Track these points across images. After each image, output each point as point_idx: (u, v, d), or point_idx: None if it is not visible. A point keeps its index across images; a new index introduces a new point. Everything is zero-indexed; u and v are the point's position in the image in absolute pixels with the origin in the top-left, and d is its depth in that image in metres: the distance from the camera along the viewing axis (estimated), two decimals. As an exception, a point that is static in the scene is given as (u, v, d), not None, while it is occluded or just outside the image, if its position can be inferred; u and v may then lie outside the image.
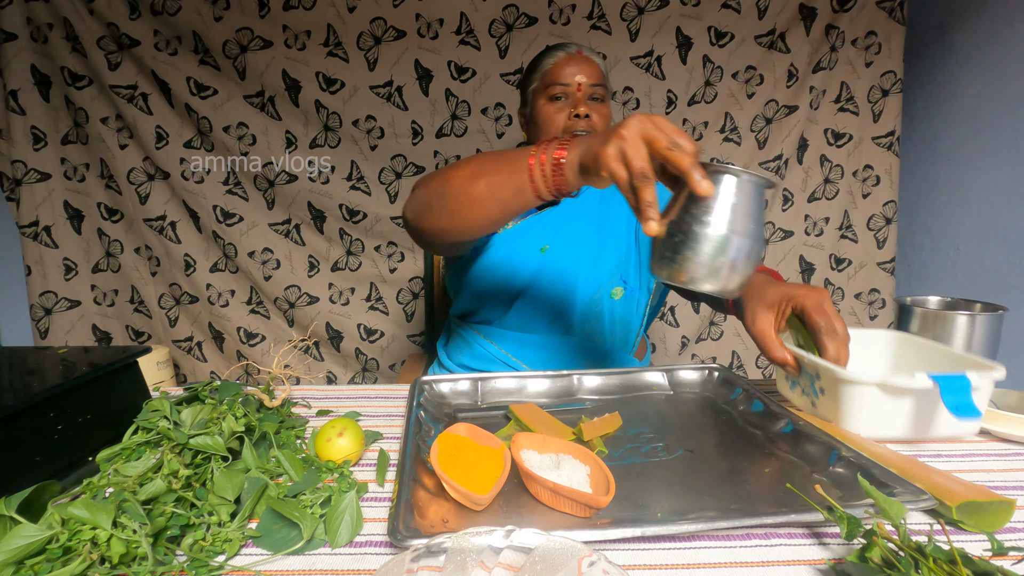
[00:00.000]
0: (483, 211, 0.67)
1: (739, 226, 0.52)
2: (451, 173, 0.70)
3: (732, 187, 0.53)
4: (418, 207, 0.74)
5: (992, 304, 0.81)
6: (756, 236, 0.54)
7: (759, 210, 0.54)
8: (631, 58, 1.68)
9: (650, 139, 0.52)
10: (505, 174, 0.64)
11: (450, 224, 0.71)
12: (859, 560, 0.41)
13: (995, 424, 0.66)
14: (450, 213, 0.69)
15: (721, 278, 0.54)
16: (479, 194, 0.66)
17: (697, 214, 0.52)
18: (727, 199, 0.53)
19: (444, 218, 0.71)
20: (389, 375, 1.83)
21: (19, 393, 0.56)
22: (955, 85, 1.60)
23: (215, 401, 0.61)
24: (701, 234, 0.52)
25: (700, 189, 0.50)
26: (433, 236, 0.75)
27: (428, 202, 0.72)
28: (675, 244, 0.53)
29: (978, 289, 1.51)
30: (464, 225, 0.70)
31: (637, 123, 0.53)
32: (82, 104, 1.60)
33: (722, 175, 0.53)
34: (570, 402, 0.78)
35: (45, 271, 1.68)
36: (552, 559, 0.37)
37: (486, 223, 0.68)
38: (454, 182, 0.68)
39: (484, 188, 0.65)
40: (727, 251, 0.52)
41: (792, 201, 1.77)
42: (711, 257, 0.52)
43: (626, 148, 0.52)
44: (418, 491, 0.52)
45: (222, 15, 1.59)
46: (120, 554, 0.41)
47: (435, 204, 0.71)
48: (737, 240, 0.52)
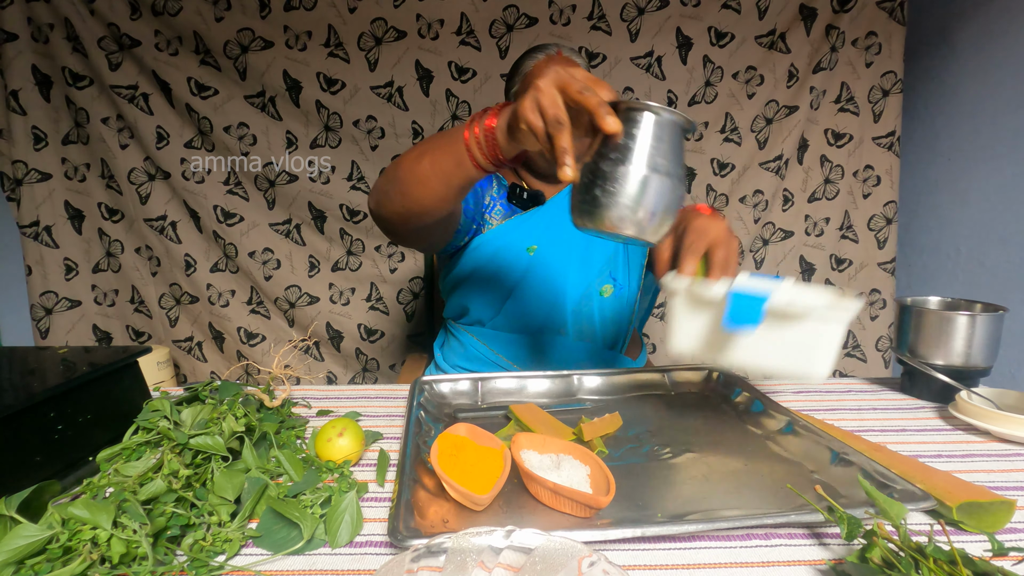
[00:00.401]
0: (429, 188, 0.68)
1: (652, 163, 0.50)
2: (401, 158, 0.72)
3: (643, 124, 0.51)
4: (377, 195, 0.75)
5: (992, 304, 0.81)
6: (673, 174, 0.51)
7: (675, 150, 0.52)
8: (631, 58, 1.68)
9: (563, 85, 0.51)
10: (445, 149, 0.64)
11: (402, 207, 0.72)
12: (859, 560, 0.41)
13: (995, 424, 0.66)
14: (401, 195, 0.71)
15: (639, 219, 0.51)
16: (424, 172, 0.67)
17: (606, 153, 0.51)
18: (639, 137, 0.51)
19: (397, 202, 0.72)
20: (389, 375, 1.83)
21: (19, 393, 0.56)
22: (955, 85, 1.60)
23: (215, 401, 0.61)
24: (612, 172, 0.50)
25: (606, 125, 0.49)
26: (392, 224, 0.76)
27: (384, 189, 0.74)
28: (586, 186, 0.52)
29: (978, 289, 1.51)
30: (415, 206, 0.70)
31: (551, 73, 0.52)
32: (83, 104, 1.61)
33: (632, 111, 0.51)
34: (570, 402, 0.78)
35: (46, 271, 1.68)
36: (552, 559, 0.37)
37: (434, 199, 0.69)
38: (403, 165, 0.70)
39: (428, 165, 0.66)
40: (642, 190, 0.50)
41: (792, 201, 1.77)
42: (626, 197, 0.50)
43: (541, 97, 0.52)
44: (418, 491, 0.52)
45: (223, 15, 1.59)
46: (120, 554, 0.41)
47: (389, 189, 0.72)
48: (652, 178, 0.50)
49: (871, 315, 1.82)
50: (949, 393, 0.76)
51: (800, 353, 0.54)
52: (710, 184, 1.75)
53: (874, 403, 0.80)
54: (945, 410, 0.76)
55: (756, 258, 1.80)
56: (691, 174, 1.75)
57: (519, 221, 0.97)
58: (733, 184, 1.75)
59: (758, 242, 1.79)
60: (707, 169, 1.74)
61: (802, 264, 1.81)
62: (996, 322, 0.78)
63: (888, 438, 0.68)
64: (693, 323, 0.59)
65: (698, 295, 0.56)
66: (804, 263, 1.81)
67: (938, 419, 0.74)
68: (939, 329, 0.79)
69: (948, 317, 0.78)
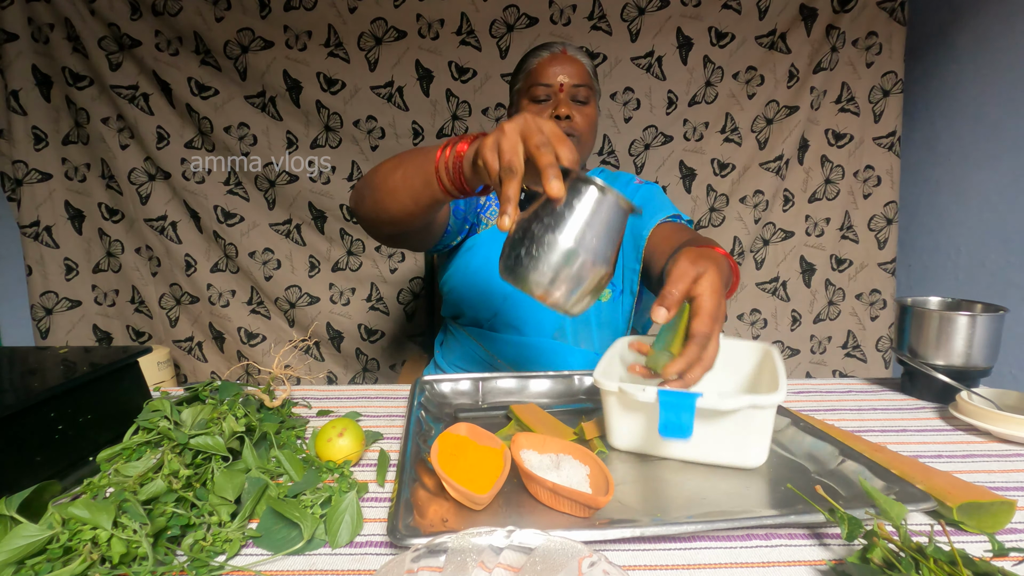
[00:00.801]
0: (398, 201, 0.68)
1: (582, 240, 0.49)
2: (380, 165, 0.72)
3: (585, 198, 0.50)
4: (355, 196, 0.76)
5: (993, 305, 0.81)
6: (600, 257, 0.50)
7: (612, 232, 0.51)
8: (632, 58, 1.68)
9: (526, 135, 0.51)
10: (418, 165, 0.64)
11: (374, 213, 0.72)
12: (860, 561, 0.41)
13: (995, 425, 0.66)
14: (374, 201, 0.71)
15: (553, 291, 0.50)
16: (395, 184, 0.67)
17: (543, 215, 0.50)
18: (578, 210, 0.49)
19: (370, 207, 0.72)
20: (390, 375, 1.83)
21: (20, 393, 0.56)
22: (956, 85, 1.60)
23: (215, 401, 0.61)
24: (541, 237, 0.49)
25: (551, 188, 0.48)
26: (368, 224, 0.77)
27: (361, 192, 0.74)
28: (515, 241, 0.51)
29: (979, 290, 1.51)
30: (385, 215, 0.71)
31: (520, 120, 0.52)
32: (83, 104, 1.61)
33: (581, 184, 0.50)
34: (571, 402, 0.78)
35: (46, 271, 1.68)
36: (552, 559, 0.37)
37: (402, 213, 0.69)
38: (379, 172, 0.70)
39: (400, 178, 0.67)
40: (564, 263, 0.49)
41: (793, 201, 1.77)
42: (547, 265, 0.49)
43: (502, 140, 0.51)
44: (418, 490, 0.52)
45: (223, 16, 1.59)
46: (120, 554, 0.41)
47: (364, 194, 0.73)
48: (577, 254, 0.49)
49: (871, 315, 1.82)
50: (949, 393, 0.76)
51: (734, 444, 0.56)
52: (710, 184, 1.75)
53: (874, 403, 0.80)
54: (945, 410, 0.76)
55: (756, 258, 1.80)
56: (691, 174, 1.75)
57: None
58: (733, 184, 1.75)
59: (758, 242, 1.79)
60: (707, 169, 1.74)
61: (802, 264, 1.81)
62: (996, 322, 0.78)
63: (888, 438, 0.68)
64: (628, 422, 0.60)
65: (630, 398, 0.56)
66: (804, 263, 1.80)
67: (938, 419, 0.74)
68: (939, 329, 0.79)
69: (948, 317, 0.78)
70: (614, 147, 1.74)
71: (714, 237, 1.77)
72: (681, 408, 0.52)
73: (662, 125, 1.71)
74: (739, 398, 0.53)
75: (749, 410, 0.54)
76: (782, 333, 1.83)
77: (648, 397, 0.54)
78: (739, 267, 0.70)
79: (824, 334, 1.84)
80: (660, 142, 1.73)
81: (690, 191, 1.76)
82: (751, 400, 0.53)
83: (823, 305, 1.82)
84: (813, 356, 1.85)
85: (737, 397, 0.53)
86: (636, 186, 1.03)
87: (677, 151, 1.73)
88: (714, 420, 0.55)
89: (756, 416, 0.55)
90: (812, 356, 1.85)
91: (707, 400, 0.53)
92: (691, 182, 1.75)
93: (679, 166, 1.74)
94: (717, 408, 0.53)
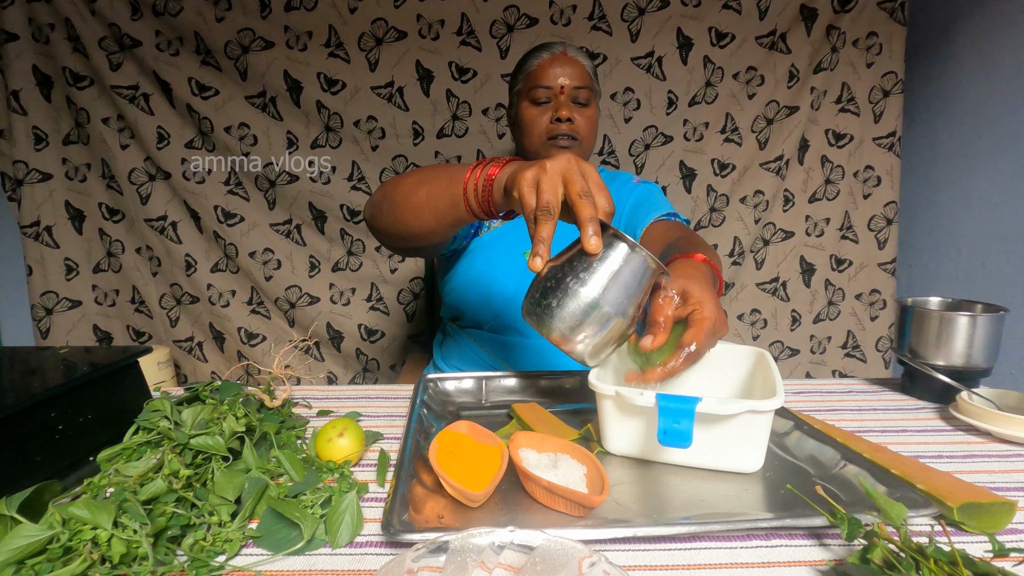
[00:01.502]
0: (421, 219, 0.67)
1: (611, 296, 0.51)
2: (402, 179, 0.71)
3: (620, 256, 0.52)
4: (372, 208, 0.75)
5: (993, 305, 0.81)
6: (624, 313, 0.52)
7: (638, 292, 0.53)
8: (632, 59, 1.68)
9: (568, 180, 0.52)
10: (444, 185, 0.64)
11: (393, 228, 0.72)
12: (860, 561, 0.41)
13: (995, 425, 0.66)
14: (394, 217, 0.71)
15: (575, 340, 0.52)
16: (419, 202, 0.67)
17: (577, 268, 0.51)
18: (610, 266, 0.51)
19: (389, 221, 0.72)
20: (390, 375, 1.83)
21: (20, 393, 0.56)
22: (956, 86, 1.60)
23: (216, 401, 0.61)
24: (572, 289, 0.51)
25: (589, 244, 0.50)
26: (384, 237, 0.77)
27: (379, 205, 0.74)
28: (545, 289, 0.52)
29: (979, 290, 1.51)
30: (405, 230, 0.70)
31: (564, 161, 0.53)
32: (83, 104, 1.61)
33: (617, 241, 0.52)
34: (573, 402, 0.78)
35: (46, 271, 1.68)
36: (552, 559, 0.37)
37: (424, 231, 0.69)
38: (401, 188, 0.70)
39: (424, 196, 0.66)
40: (589, 316, 0.51)
41: (793, 202, 1.77)
42: (571, 315, 0.51)
43: (543, 179, 0.52)
44: (415, 487, 0.53)
45: (224, 16, 1.59)
46: (120, 554, 0.41)
47: (384, 207, 0.72)
48: (603, 311, 0.51)
49: (871, 315, 1.82)
50: (950, 394, 0.76)
51: (731, 449, 0.56)
52: (710, 184, 1.75)
53: (875, 404, 0.80)
54: (946, 411, 0.76)
55: (756, 258, 1.80)
56: (691, 174, 1.75)
57: (516, 224, 0.97)
58: (733, 184, 1.75)
59: (758, 242, 1.79)
60: (707, 169, 1.74)
61: (802, 264, 1.80)
62: (997, 322, 0.78)
63: (889, 439, 0.68)
64: (625, 426, 0.60)
65: (628, 402, 0.56)
66: (804, 263, 1.80)
67: (939, 420, 0.74)
68: (940, 330, 0.79)
69: (949, 318, 0.78)
70: (614, 147, 1.74)
71: (714, 237, 1.77)
72: (680, 414, 0.52)
73: (662, 125, 1.72)
74: (738, 403, 0.53)
75: (747, 415, 0.54)
76: (782, 333, 1.83)
77: (646, 401, 0.54)
78: (720, 272, 0.71)
79: (824, 334, 1.84)
80: (660, 142, 1.73)
81: (690, 191, 1.76)
82: (750, 405, 0.53)
83: (823, 305, 1.82)
84: (813, 356, 1.85)
85: (736, 402, 0.53)
86: (634, 185, 1.03)
87: (677, 151, 1.73)
88: (711, 425, 0.55)
89: (753, 421, 0.55)
90: (812, 356, 1.85)
91: (706, 405, 0.52)
92: (691, 182, 1.75)
93: (679, 166, 1.74)
94: (716, 413, 0.53)
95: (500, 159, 0.60)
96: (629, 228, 0.95)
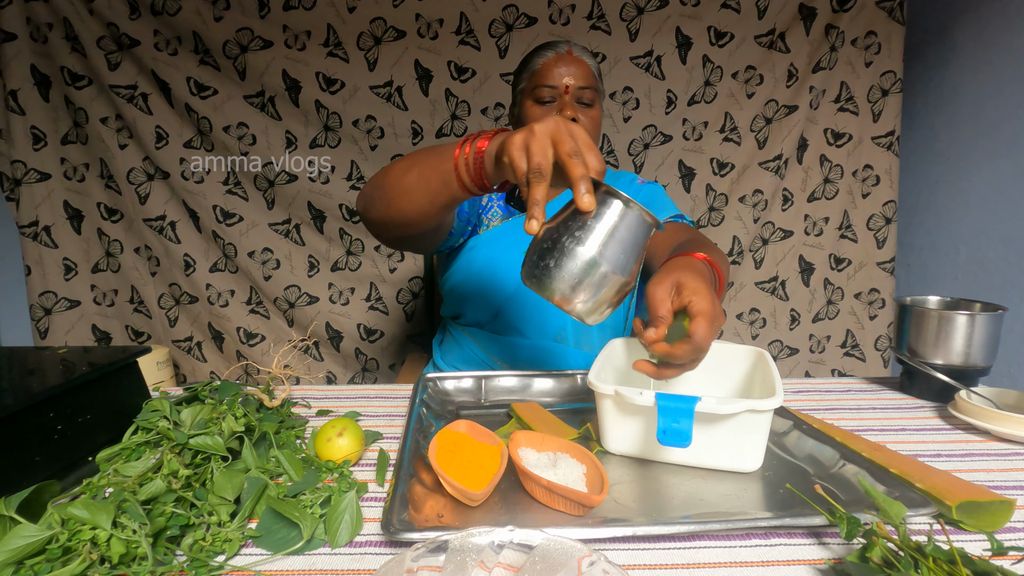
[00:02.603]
0: (414, 201, 0.67)
1: (609, 253, 0.50)
2: (391, 165, 0.71)
3: (615, 213, 0.51)
4: (364, 199, 0.75)
5: (992, 304, 0.81)
6: (624, 269, 0.52)
7: (636, 247, 0.52)
8: (631, 58, 1.68)
9: (557, 140, 0.51)
10: (434, 164, 0.63)
11: (387, 215, 0.71)
12: (859, 560, 0.41)
13: (994, 424, 0.66)
14: (387, 204, 0.70)
15: (575, 299, 0.51)
16: (410, 184, 0.66)
17: (572, 227, 0.51)
18: (606, 223, 0.51)
19: (382, 209, 0.71)
20: (389, 375, 1.82)
21: (19, 393, 0.56)
22: (955, 85, 1.60)
23: (215, 401, 0.61)
24: (568, 248, 0.50)
25: (582, 202, 0.49)
26: (378, 228, 0.76)
27: (371, 194, 0.73)
28: (543, 251, 0.52)
29: (978, 289, 1.51)
30: (399, 216, 0.70)
31: (552, 123, 0.52)
32: (82, 104, 1.60)
33: (610, 198, 0.51)
34: (573, 401, 0.78)
35: (45, 271, 1.68)
36: (552, 559, 0.37)
37: (417, 214, 0.68)
38: (392, 173, 0.69)
39: (415, 178, 0.65)
40: (589, 274, 0.50)
41: (792, 201, 1.77)
42: (571, 274, 0.50)
43: (532, 141, 0.51)
44: (415, 486, 0.53)
45: (222, 15, 1.59)
46: (120, 554, 0.41)
47: (375, 196, 0.72)
48: (601, 267, 0.50)
49: (870, 315, 1.82)
50: (948, 392, 0.76)
51: (730, 448, 0.56)
52: (710, 184, 1.75)
53: (873, 403, 0.80)
54: (944, 409, 0.76)
55: (755, 258, 1.80)
56: (691, 174, 1.75)
57: (517, 223, 0.97)
58: (733, 184, 1.75)
59: (757, 242, 1.79)
60: (707, 169, 1.74)
61: (801, 264, 1.81)
62: (995, 322, 0.78)
63: (888, 437, 0.68)
64: (624, 426, 0.60)
65: (628, 401, 0.56)
66: (803, 263, 1.81)
67: (937, 418, 0.74)
68: (938, 329, 0.79)
69: (947, 317, 0.78)
70: (613, 147, 1.74)
71: (713, 237, 1.77)
72: (680, 413, 0.52)
73: (661, 125, 1.72)
74: (737, 403, 0.53)
75: (746, 415, 0.54)
76: (781, 332, 1.83)
77: (646, 401, 0.54)
78: (722, 271, 0.69)
79: (823, 333, 1.84)
80: (659, 142, 1.73)
81: (689, 190, 1.76)
82: (749, 405, 0.53)
83: (822, 304, 1.83)
84: (812, 355, 1.86)
85: (735, 402, 0.53)
86: (639, 186, 1.03)
87: (676, 151, 1.74)
88: (711, 425, 0.55)
89: (752, 421, 0.55)
90: (811, 355, 1.85)
91: (705, 404, 0.53)
92: (690, 181, 1.75)
93: (678, 165, 1.74)
94: (715, 412, 0.53)
95: (487, 132, 0.60)
96: None
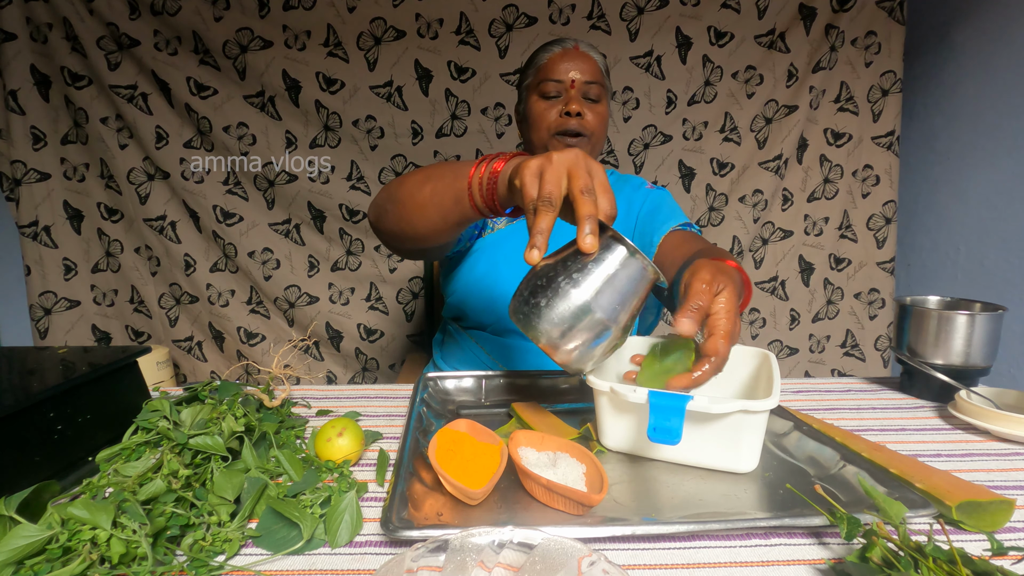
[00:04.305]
0: (426, 217, 0.66)
1: (602, 301, 0.48)
2: (406, 177, 0.70)
3: (617, 259, 0.49)
4: (377, 210, 0.74)
5: (992, 304, 0.81)
6: (615, 320, 0.49)
7: (632, 298, 0.50)
8: (631, 58, 1.68)
9: (573, 174, 0.50)
10: (449, 181, 0.63)
11: (399, 228, 0.71)
12: (859, 560, 0.41)
13: (994, 424, 0.66)
14: (399, 217, 0.69)
15: (560, 342, 0.49)
16: (424, 200, 0.65)
17: (569, 266, 0.49)
18: (606, 269, 0.48)
19: (394, 222, 0.71)
20: (389, 375, 1.83)
21: (19, 393, 0.56)
22: (955, 85, 1.60)
23: (215, 401, 0.61)
24: (562, 288, 0.48)
25: (583, 242, 0.47)
26: (390, 239, 0.75)
27: (384, 205, 0.72)
28: (535, 288, 0.49)
29: (978, 289, 1.51)
30: (411, 230, 0.69)
31: (572, 155, 0.51)
32: (82, 104, 1.60)
33: (615, 244, 0.49)
34: (573, 401, 0.78)
35: (45, 271, 1.68)
36: (552, 559, 0.37)
37: (429, 230, 0.68)
38: (405, 186, 0.69)
39: (429, 194, 0.65)
40: (579, 320, 0.48)
41: (792, 201, 1.77)
42: (559, 317, 0.48)
43: (547, 169, 0.50)
44: (415, 484, 0.52)
45: (222, 15, 1.59)
46: (120, 554, 0.40)
47: (388, 208, 0.71)
48: (592, 316, 0.48)
49: (870, 314, 1.82)
50: (948, 392, 0.76)
51: (725, 449, 0.56)
52: (709, 184, 1.75)
53: (873, 403, 0.80)
54: (944, 409, 0.76)
55: (755, 258, 1.80)
56: (691, 173, 1.75)
57: (521, 225, 0.97)
58: (732, 184, 1.75)
59: (757, 242, 1.79)
60: (707, 169, 1.74)
61: (801, 264, 1.81)
62: (995, 321, 0.78)
63: (887, 437, 0.68)
64: (619, 423, 0.60)
65: (622, 399, 0.55)
66: (803, 263, 1.81)
67: (937, 418, 0.74)
68: (938, 328, 0.79)
69: (947, 316, 0.78)
70: (613, 147, 1.74)
71: (713, 237, 1.77)
72: (671, 411, 0.52)
73: (661, 125, 1.72)
74: (730, 403, 0.53)
75: (740, 415, 0.54)
76: (781, 332, 1.84)
77: (639, 398, 0.54)
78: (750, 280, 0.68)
79: (823, 333, 1.84)
80: (659, 141, 1.73)
81: (689, 190, 1.76)
82: (742, 405, 0.53)
83: (822, 304, 1.83)
84: (812, 355, 1.86)
85: (728, 402, 0.53)
86: (648, 191, 1.03)
87: (676, 150, 1.74)
88: (705, 424, 0.55)
89: (747, 421, 0.54)
90: (811, 355, 1.86)
91: (697, 403, 0.52)
92: (690, 181, 1.75)
93: (678, 165, 1.74)
94: (707, 411, 0.53)
95: (506, 154, 0.59)
96: (643, 234, 0.94)
